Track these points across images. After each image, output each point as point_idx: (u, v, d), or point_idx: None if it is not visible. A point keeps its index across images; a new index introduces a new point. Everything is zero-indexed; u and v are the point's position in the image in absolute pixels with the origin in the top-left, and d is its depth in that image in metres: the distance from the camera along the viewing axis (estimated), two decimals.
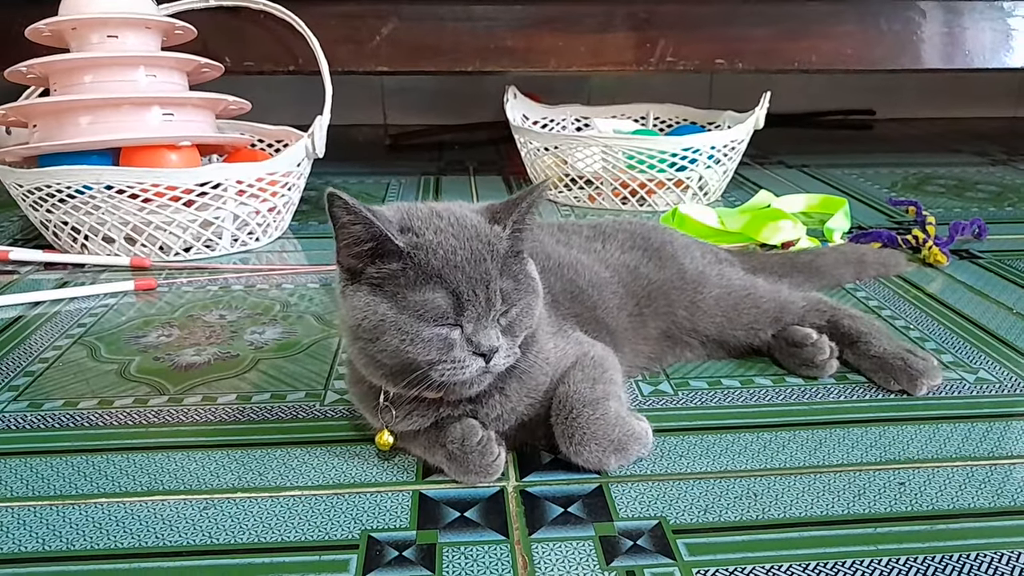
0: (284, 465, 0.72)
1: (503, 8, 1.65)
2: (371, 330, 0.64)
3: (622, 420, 0.69)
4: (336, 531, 0.63)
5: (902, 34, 1.73)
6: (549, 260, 0.85)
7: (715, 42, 1.69)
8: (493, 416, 0.70)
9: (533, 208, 0.67)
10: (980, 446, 0.74)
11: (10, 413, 0.81)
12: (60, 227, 1.29)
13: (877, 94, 2.66)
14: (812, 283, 1.07)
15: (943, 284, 1.16)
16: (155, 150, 1.28)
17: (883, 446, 0.74)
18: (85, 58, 1.28)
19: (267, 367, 0.92)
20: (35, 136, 1.31)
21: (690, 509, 0.65)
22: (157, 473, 0.71)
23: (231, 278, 1.23)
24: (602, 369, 0.74)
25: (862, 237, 1.31)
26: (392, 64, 1.64)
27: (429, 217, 0.66)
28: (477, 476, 0.68)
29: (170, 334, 1.01)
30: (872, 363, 0.86)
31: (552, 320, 0.77)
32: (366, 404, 0.73)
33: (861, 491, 0.67)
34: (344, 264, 0.66)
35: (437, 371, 0.64)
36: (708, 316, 0.89)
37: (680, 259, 0.92)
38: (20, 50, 1.33)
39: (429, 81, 2.56)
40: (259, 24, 1.58)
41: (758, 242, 1.30)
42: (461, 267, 0.63)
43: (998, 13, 1.74)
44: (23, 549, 0.61)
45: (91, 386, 0.87)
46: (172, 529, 0.63)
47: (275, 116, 1.61)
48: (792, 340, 0.88)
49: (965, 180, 1.84)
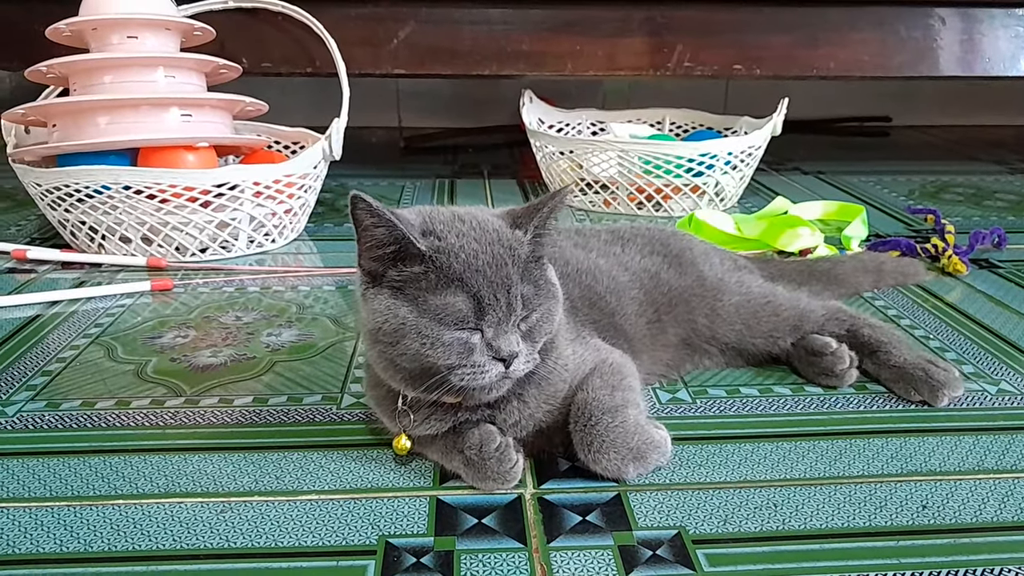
0: (301, 469, 0.72)
1: (520, 12, 1.65)
2: (391, 333, 0.64)
3: (641, 428, 0.69)
4: (353, 536, 0.63)
5: (921, 41, 1.72)
6: (568, 266, 0.84)
7: (733, 48, 1.68)
8: (511, 422, 0.70)
9: (554, 214, 0.67)
10: (1003, 459, 0.73)
11: (28, 413, 0.82)
12: (78, 227, 1.29)
13: (893, 101, 2.65)
14: (830, 291, 1.06)
15: (963, 294, 1.15)
16: (173, 151, 1.29)
17: (904, 457, 0.73)
18: (105, 58, 1.29)
19: (283, 369, 0.92)
20: (54, 136, 1.31)
21: (709, 519, 0.65)
22: (174, 475, 0.71)
23: (247, 279, 1.23)
24: (621, 376, 0.73)
25: (880, 245, 1.30)
26: (409, 67, 1.64)
27: (451, 221, 0.66)
28: (495, 483, 0.68)
29: (186, 335, 1.02)
30: (892, 373, 0.85)
31: (571, 326, 0.77)
32: (384, 408, 0.73)
33: (883, 503, 0.67)
34: (365, 267, 0.66)
35: (456, 375, 0.63)
36: (727, 324, 0.88)
37: (700, 266, 0.91)
38: (40, 50, 1.34)
39: (444, 84, 2.56)
40: (277, 26, 1.58)
41: (775, 249, 1.29)
42: (482, 271, 0.63)
43: (1016, 21, 1.73)
44: (41, 550, 0.61)
45: (108, 386, 0.87)
46: (189, 532, 0.63)
47: (290, 118, 1.61)
48: (812, 349, 0.87)
49: (983, 188, 1.83)
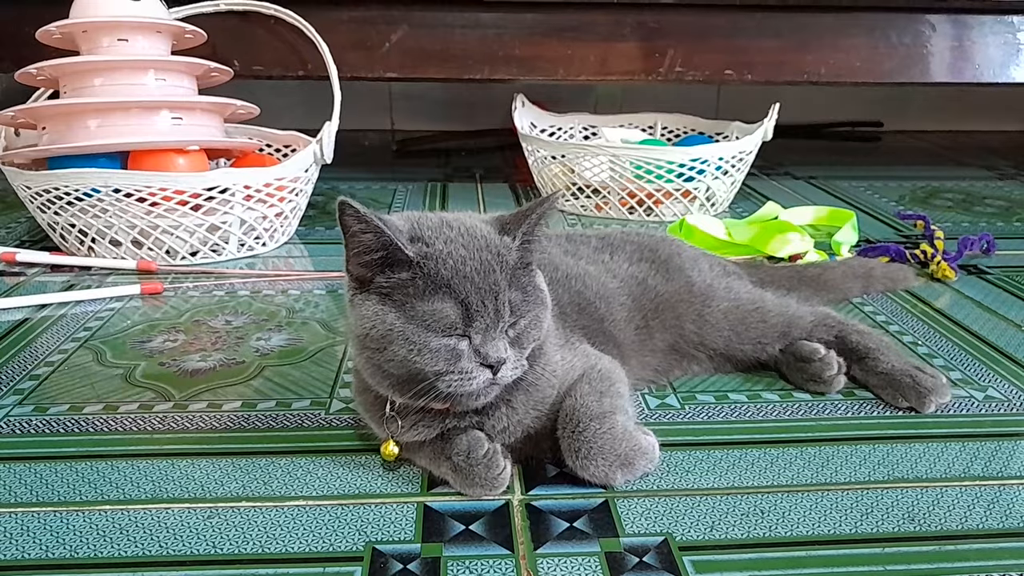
0: (289, 474, 0.72)
1: (513, 16, 1.65)
2: (379, 339, 0.64)
3: (629, 434, 0.69)
4: (340, 543, 0.63)
5: (912, 47, 1.73)
6: (557, 271, 0.85)
7: (725, 53, 1.69)
8: (499, 428, 0.70)
9: (543, 220, 0.67)
10: (989, 466, 0.73)
11: (15, 417, 0.81)
12: (67, 229, 1.29)
13: (884, 106, 2.66)
14: (819, 297, 1.06)
15: (951, 300, 1.15)
16: (163, 154, 1.28)
17: (891, 464, 0.74)
18: (95, 61, 1.28)
19: (272, 374, 0.92)
20: (44, 138, 1.31)
21: (696, 526, 0.65)
22: (161, 480, 0.71)
23: (237, 283, 1.22)
24: (609, 382, 0.73)
25: (870, 251, 1.31)
26: (401, 70, 1.64)
27: (439, 227, 0.66)
28: (483, 489, 0.68)
29: (176, 339, 1.01)
30: (880, 379, 0.85)
31: (559, 332, 0.77)
32: (372, 414, 0.73)
33: (869, 510, 0.67)
34: (353, 273, 0.66)
35: (444, 382, 0.64)
36: (716, 330, 0.89)
37: (688, 272, 0.91)
38: (30, 52, 1.33)
39: (436, 87, 2.56)
40: (269, 29, 1.58)
41: (766, 254, 1.29)
42: (470, 278, 0.63)
43: (1007, 28, 1.74)
44: (27, 556, 0.61)
45: (96, 391, 0.87)
46: (176, 538, 0.63)
47: (281, 121, 1.61)
48: (800, 355, 0.88)
49: (973, 194, 1.84)
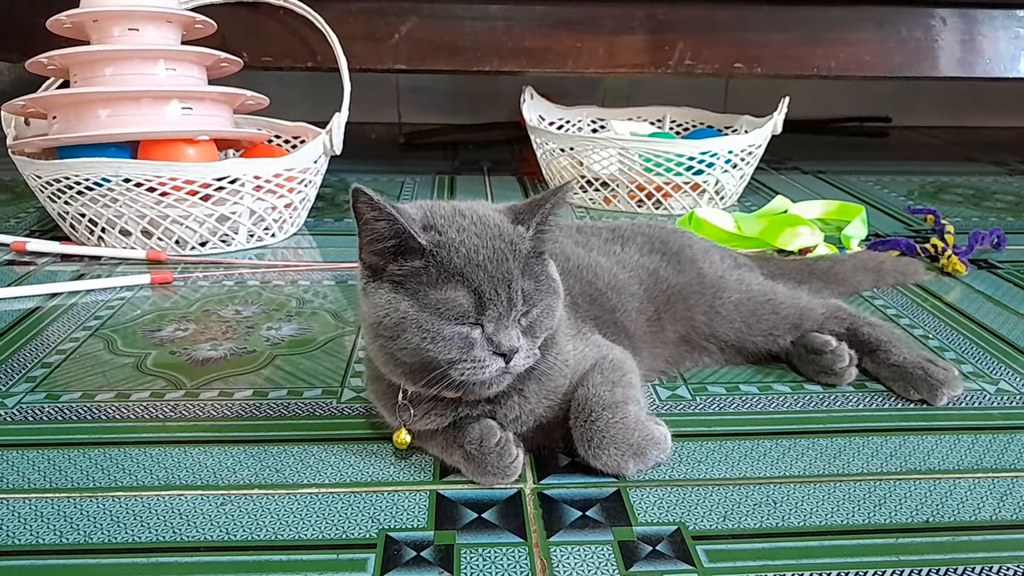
0: (301, 462, 0.72)
1: (522, 8, 1.64)
2: (392, 327, 0.64)
3: (641, 424, 0.69)
4: (353, 530, 0.63)
5: (921, 41, 1.72)
6: (568, 262, 0.85)
7: (734, 46, 1.68)
8: (511, 417, 0.70)
9: (556, 210, 0.67)
10: (1001, 458, 0.73)
11: (28, 404, 0.81)
12: (77, 219, 1.29)
13: (893, 101, 2.65)
14: (830, 290, 1.06)
15: (962, 294, 1.15)
16: (173, 144, 1.29)
17: (903, 456, 0.73)
18: (106, 50, 1.28)
19: (283, 363, 0.92)
20: (54, 128, 1.31)
21: (709, 515, 0.65)
22: (174, 467, 0.71)
23: (246, 273, 1.23)
24: (621, 372, 0.73)
25: (880, 245, 1.31)
26: (410, 62, 1.64)
27: (452, 215, 0.66)
28: (495, 477, 0.68)
29: (186, 328, 1.02)
30: (892, 372, 0.85)
31: (572, 322, 0.77)
32: (384, 402, 0.73)
33: (882, 501, 0.67)
34: (366, 261, 0.66)
35: (457, 370, 0.64)
36: (727, 321, 0.89)
37: (699, 263, 0.91)
38: (41, 41, 1.34)
39: (443, 80, 2.56)
40: (278, 20, 1.58)
41: (775, 248, 1.29)
42: (483, 266, 0.63)
43: (1017, 22, 1.73)
44: (41, 541, 0.61)
45: (108, 379, 0.87)
46: (189, 524, 0.63)
47: (289, 112, 1.61)
48: (811, 347, 0.87)
49: (982, 189, 1.83)
